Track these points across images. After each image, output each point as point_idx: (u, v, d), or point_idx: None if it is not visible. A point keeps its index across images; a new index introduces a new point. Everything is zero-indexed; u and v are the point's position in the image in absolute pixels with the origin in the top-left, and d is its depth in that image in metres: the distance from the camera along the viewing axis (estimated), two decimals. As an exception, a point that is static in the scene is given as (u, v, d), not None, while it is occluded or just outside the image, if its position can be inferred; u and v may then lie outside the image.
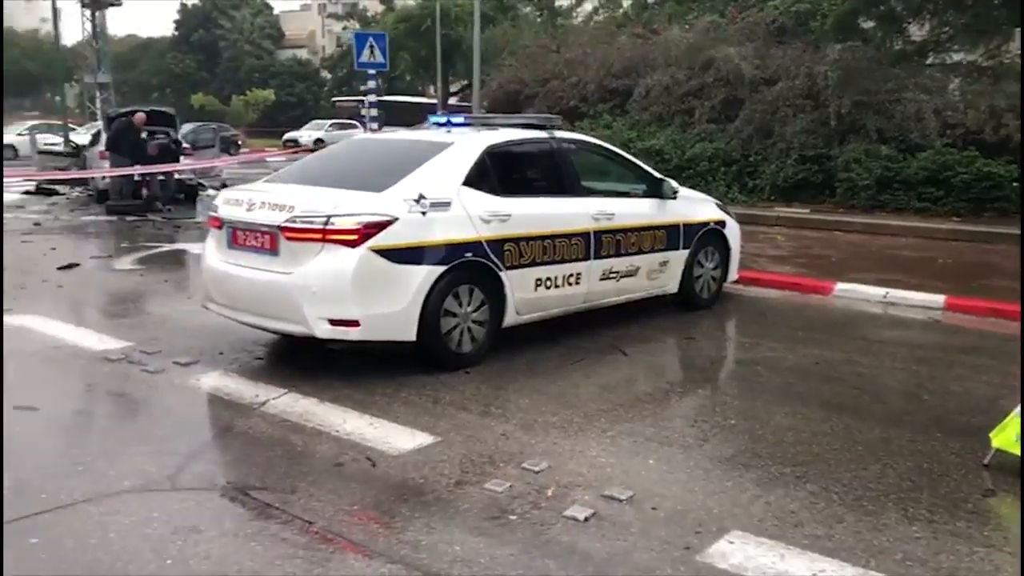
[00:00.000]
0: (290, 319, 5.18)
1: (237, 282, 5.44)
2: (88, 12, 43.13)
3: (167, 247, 11.03)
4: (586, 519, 3.48)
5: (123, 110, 16.56)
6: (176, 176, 15.85)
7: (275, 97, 56.65)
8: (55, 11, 28.46)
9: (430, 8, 34.57)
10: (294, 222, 5.12)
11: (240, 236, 5.44)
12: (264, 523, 3.43)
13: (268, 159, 26.39)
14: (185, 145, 17.12)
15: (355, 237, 5.03)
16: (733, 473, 3.99)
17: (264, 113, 54.90)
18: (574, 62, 17.21)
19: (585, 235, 6.15)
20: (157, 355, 5.73)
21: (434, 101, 53.09)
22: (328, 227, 5.04)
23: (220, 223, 5.60)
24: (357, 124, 43.42)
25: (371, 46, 13.49)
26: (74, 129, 29.50)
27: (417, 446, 4.23)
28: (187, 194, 16.23)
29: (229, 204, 5.59)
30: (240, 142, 37.94)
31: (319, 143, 39.66)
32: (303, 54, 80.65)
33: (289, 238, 5.13)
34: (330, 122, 42.80)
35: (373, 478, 3.89)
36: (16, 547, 3.19)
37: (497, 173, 5.81)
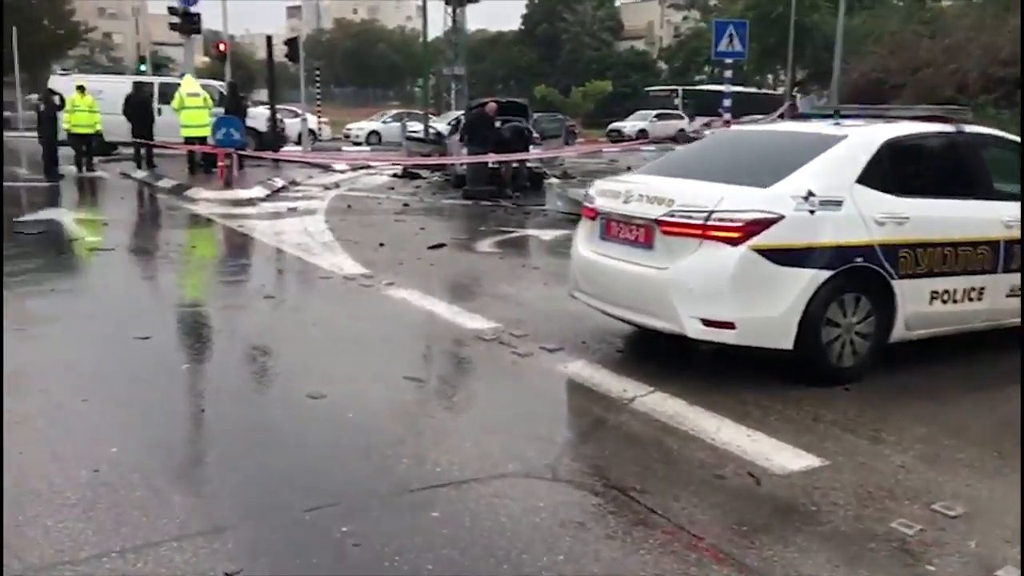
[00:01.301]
0: (661, 316, 5.04)
1: (608, 274, 5.41)
2: (450, 8, 47.03)
3: (519, 232, 11.49)
4: (1026, 586, 2.94)
5: (482, 101, 17.64)
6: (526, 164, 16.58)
7: (611, 88, 57.75)
8: (424, 8, 30.98)
9: (785, -7, 33.19)
10: (672, 216, 4.96)
11: (614, 228, 5.39)
12: (649, 530, 3.30)
13: (604, 150, 26.89)
14: (535, 135, 17.83)
15: (737, 235, 4.76)
16: None
17: (600, 104, 56.20)
18: (953, 48, 15.48)
19: (994, 244, 5.36)
20: (524, 339, 5.88)
21: (771, 92, 51.14)
22: (709, 223, 4.81)
23: (594, 214, 5.59)
24: (683, 115, 43.08)
25: (731, 35, 13.07)
26: (430, 118, 31.93)
27: (804, 467, 3.88)
28: (533, 182, 16.95)
29: (604, 195, 5.56)
30: (576, 132, 39.11)
31: (642, 134, 39.94)
32: (640, 45, 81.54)
33: (666, 232, 4.98)
34: (654, 113, 42.77)
35: (758, 497, 3.62)
36: (421, 517, 3.34)
37: (895, 170, 5.22)
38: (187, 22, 18.83)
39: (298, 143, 28.26)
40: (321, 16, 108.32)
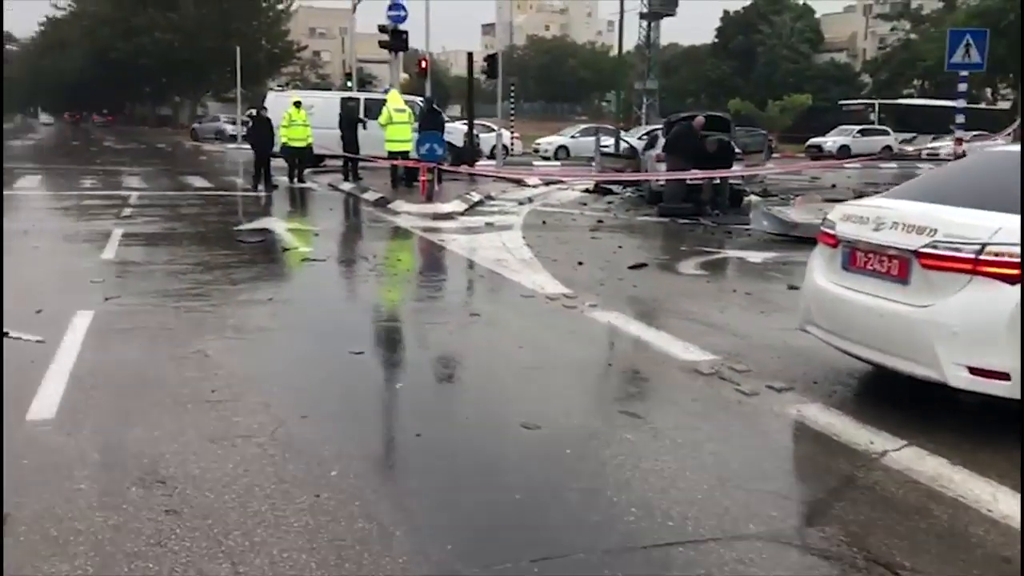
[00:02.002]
0: (916, 360, 4.45)
1: (851, 309, 4.86)
2: (644, 23, 46.64)
3: (723, 253, 10.93)
4: None
5: (683, 115, 17.13)
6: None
7: (811, 102, 55.20)
8: (620, 23, 30.81)
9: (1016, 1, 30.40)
10: (935, 247, 4.36)
11: (860, 257, 4.84)
12: (931, 623, 2.80)
13: (807, 170, 25.60)
14: (737, 150, 17.09)
15: (1016, 271, 4.11)
16: None
17: (798, 118, 53.81)
18: None
19: None
20: (748, 375, 5.41)
21: (991, 107, 47.26)
22: (982, 257, 4.19)
23: (835, 241, 5.06)
24: (888, 130, 40.46)
25: (967, 45, 11.92)
26: (621, 132, 31.60)
27: (1115, 558, 3.23)
28: (733, 199, 16.25)
29: (849, 221, 5.01)
30: (773, 147, 37.60)
31: (844, 150, 37.79)
32: (841, 57, 77.79)
33: (926, 265, 4.40)
34: (857, 128, 40.60)
35: (1061, 591, 3.02)
36: (659, 582, 3.01)
37: None
38: (396, 40, 19.51)
39: (491, 157, 28.76)
40: (514, 33, 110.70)
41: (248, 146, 19.80)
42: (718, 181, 15.67)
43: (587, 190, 19.74)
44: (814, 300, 5.25)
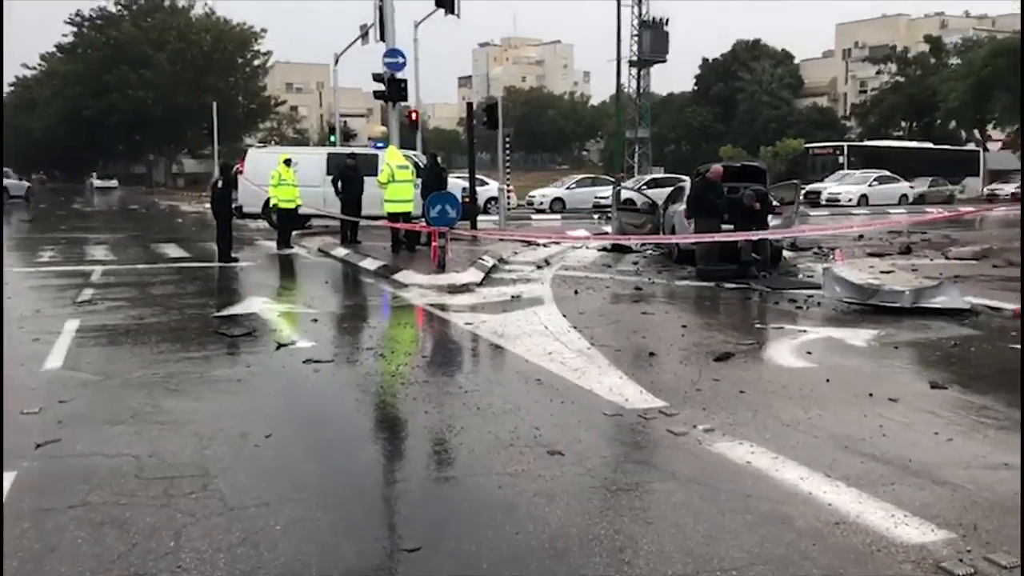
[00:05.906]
0: None
1: None
2: (634, 71, 45.59)
3: (810, 333, 8.89)
4: None
5: (703, 167, 15.46)
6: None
7: (804, 147, 54.19)
8: (618, 71, 29.29)
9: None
10: None
11: None
12: None
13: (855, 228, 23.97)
14: (775, 203, 15.34)
15: None
16: None
17: (790, 164, 52.62)
18: None
19: None
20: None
21: (960, 148, 46.55)
22: None
23: None
24: (898, 178, 39.33)
25: None
26: (618, 183, 29.98)
27: None
28: (774, 257, 14.52)
29: None
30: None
31: (862, 200, 36.90)
32: (823, 102, 77.72)
33: None
34: (875, 175, 39.52)
35: None
36: None
37: None
38: (393, 89, 17.72)
39: (485, 212, 27.10)
40: (491, 85, 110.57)
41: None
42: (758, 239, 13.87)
43: (604, 248, 17.95)
44: None
